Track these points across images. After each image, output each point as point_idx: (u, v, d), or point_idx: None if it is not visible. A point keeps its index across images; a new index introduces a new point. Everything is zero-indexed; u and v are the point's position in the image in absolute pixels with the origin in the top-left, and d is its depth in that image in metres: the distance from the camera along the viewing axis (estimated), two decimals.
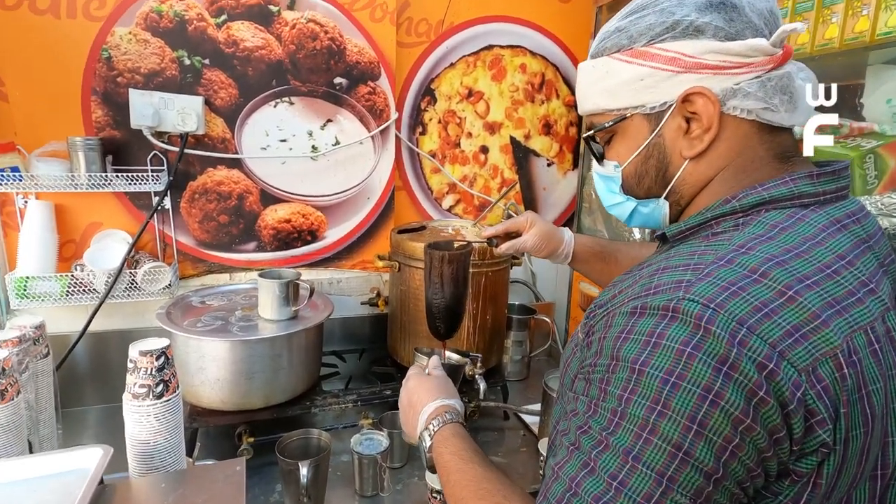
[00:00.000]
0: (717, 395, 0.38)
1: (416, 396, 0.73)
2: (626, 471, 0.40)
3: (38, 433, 0.91)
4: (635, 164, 0.56)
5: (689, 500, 0.39)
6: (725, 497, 0.39)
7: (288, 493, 0.86)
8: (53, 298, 1.06)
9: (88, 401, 1.20)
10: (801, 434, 0.38)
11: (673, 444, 0.39)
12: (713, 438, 0.38)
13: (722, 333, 0.38)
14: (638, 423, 0.40)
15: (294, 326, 1.03)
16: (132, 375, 0.70)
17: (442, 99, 1.44)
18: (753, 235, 0.45)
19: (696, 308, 0.40)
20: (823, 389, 0.38)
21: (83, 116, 1.10)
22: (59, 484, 0.63)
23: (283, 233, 1.31)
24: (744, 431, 0.38)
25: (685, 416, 0.38)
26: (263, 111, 1.23)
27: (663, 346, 0.40)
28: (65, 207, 1.11)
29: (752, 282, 0.40)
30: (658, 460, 0.39)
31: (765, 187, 0.48)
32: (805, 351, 0.38)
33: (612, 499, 0.40)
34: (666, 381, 0.39)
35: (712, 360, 0.38)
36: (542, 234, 0.94)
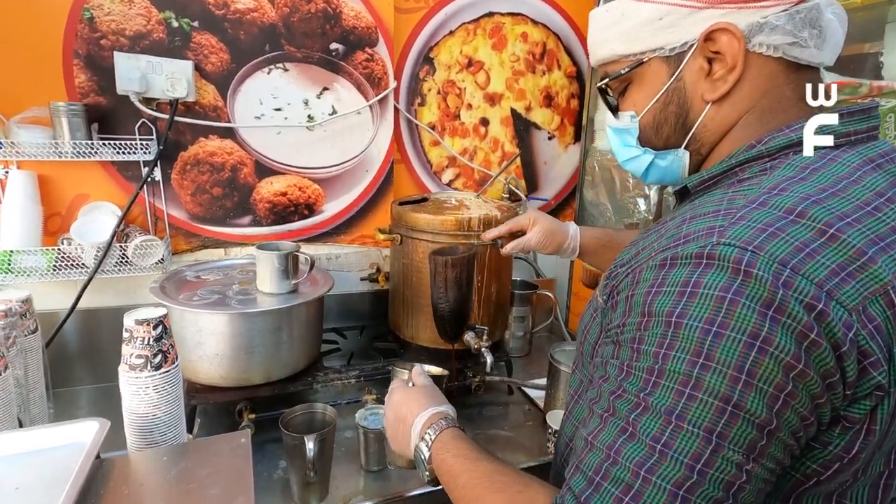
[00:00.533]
0: (765, 342, 0.35)
1: (404, 409, 0.66)
2: (669, 431, 0.37)
3: (29, 412, 0.87)
4: (653, 112, 0.53)
5: (743, 456, 0.36)
6: (779, 449, 0.37)
7: (293, 468, 0.84)
8: (40, 273, 1.01)
9: (80, 381, 1.16)
10: (854, 377, 0.36)
11: (720, 397, 0.36)
12: (764, 388, 0.35)
13: (765, 275, 0.36)
14: (679, 380, 0.37)
15: (294, 300, 0.99)
16: (128, 346, 0.66)
17: (441, 68, 1.40)
18: (785, 177, 0.42)
19: (734, 252, 0.37)
20: (875, 329, 0.36)
21: (65, 81, 1.04)
22: (54, 459, 0.59)
23: (280, 206, 1.26)
24: (796, 378, 0.35)
25: (732, 367, 0.36)
26: (257, 78, 1.18)
27: (700, 295, 0.37)
28: (49, 178, 1.06)
29: (789, 222, 0.38)
30: (705, 417, 0.36)
31: (792, 129, 0.45)
32: (853, 290, 0.36)
33: (657, 463, 0.37)
34: (707, 331, 0.37)
35: (756, 305, 0.36)
36: (545, 231, 0.92)
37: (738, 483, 0.36)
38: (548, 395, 1.13)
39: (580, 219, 1.60)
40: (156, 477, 0.59)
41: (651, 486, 0.37)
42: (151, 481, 0.59)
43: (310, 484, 0.84)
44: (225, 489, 0.57)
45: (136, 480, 0.58)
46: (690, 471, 0.36)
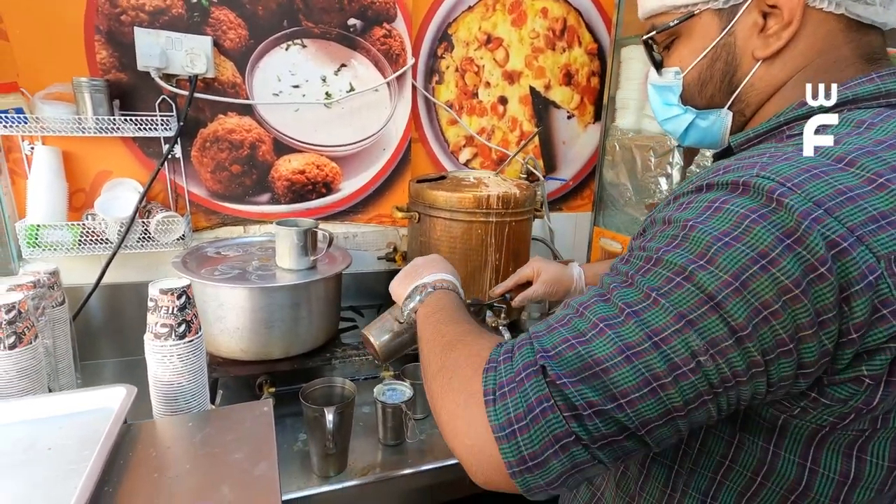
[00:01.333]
0: (770, 262, 0.34)
1: (414, 269, 0.71)
2: (644, 305, 0.37)
3: (58, 382, 0.90)
4: (699, 68, 0.51)
5: (703, 346, 0.35)
6: (741, 360, 0.35)
7: (313, 440, 0.85)
8: (66, 247, 1.03)
9: (105, 354, 1.19)
10: (863, 319, 0.34)
11: (706, 292, 0.35)
12: (750, 300, 0.34)
13: (796, 207, 0.34)
14: (673, 269, 0.37)
15: (313, 276, 1.00)
16: (153, 315, 0.68)
17: (459, 45, 1.37)
18: (844, 133, 0.40)
19: (770, 184, 0.36)
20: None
21: (87, 57, 1.04)
22: (84, 422, 0.61)
23: (298, 184, 1.26)
24: (787, 301, 0.34)
25: (728, 273, 0.35)
26: (275, 54, 1.17)
27: (724, 210, 0.36)
28: (72, 155, 1.07)
29: (836, 169, 0.36)
30: (684, 302, 0.36)
31: (847, 86, 0.43)
32: (889, 238, 0.34)
33: (620, 323, 0.37)
34: (718, 239, 0.36)
35: (777, 231, 0.34)
36: (550, 280, 0.94)
37: (685, 368, 0.35)
38: None
39: (599, 199, 1.58)
40: (181, 441, 0.61)
41: (603, 338, 0.37)
42: (177, 445, 0.60)
43: (329, 456, 0.85)
44: (248, 454, 0.58)
45: (162, 444, 0.60)
46: (646, 339, 0.36)
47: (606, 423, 0.36)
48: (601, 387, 0.36)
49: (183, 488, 0.52)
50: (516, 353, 0.41)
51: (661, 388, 0.36)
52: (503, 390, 0.39)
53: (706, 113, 0.53)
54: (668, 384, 0.35)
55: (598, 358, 0.37)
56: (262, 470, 0.55)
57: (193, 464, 0.57)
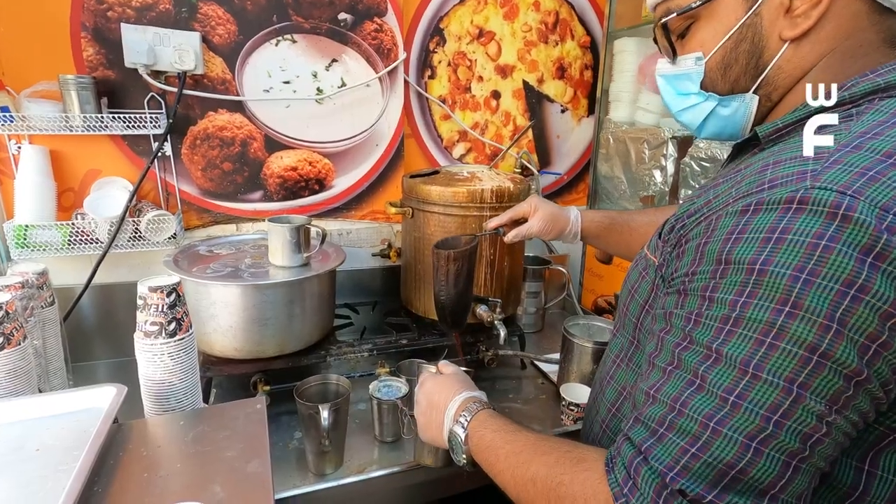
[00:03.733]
0: (860, 290, 0.32)
1: (436, 397, 0.64)
2: (745, 383, 0.35)
3: (49, 383, 0.89)
4: (723, 51, 0.49)
5: (825, 407, 0.34)
6: (866, 402, 0.34)
7: (308, 437, 0.84)
8: (55, 248, 1.02)
9: (98, 355, 1.18)
10: None
11: (806, 346, 0.33)
12: (856, 338, 0.33)
13: (867, 220, 0.33)
14: (759, 329, 0.35)
15: (306, 272, 0.99)
16: (142, 313, 0.67)
17: (451, 39, 1.36)
18: (876, 122, 0.39)
19: (832, 196, 0.34)
20: None
21: (74, 54, 1.03)
22: (73, 422, 0.60)
23: (290, 181, 1.25)
24: (893, 327, 0.33)
25: (822, 315, 0.33)
26: (265, 50, 1.16)
27: (790, 242, 0.34)
28: (60, 154, 1.06)
29: (889, 166, 0.35)
30: (787, 366, 0.34)
31: (878, 73, 0.42)
32: None
33: (729, 415, 0.35)
34: (796, 278, 0.33)
35: (854, 251, 0.33)
36: (547, 217, 0.92)
37: (817, 435, 0.34)
38: (561, 369, 1.12)
39: (594, 193, 1.57)
40: (173, 440, 0.60)
41: (720, 438, 0.35)
42: (169, 444, 0.59)
43: (325, 453, 0.84)
44: (241, 452, 0.57)
45: (153, 443, 0.59)
46: (766, 422, 0.34)
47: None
48: (747, 489, 0.35)
49: (174, 487, 0.52)
50: (639, 480, 0.38)
51: (801, 461, 0.35)
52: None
53: (729, 99, 0.51)
54: (807, 456, 0.35)
55: (730, 461, 0.35)
56: (254, 467, 0.55)
57: (185, 462, 0.56)
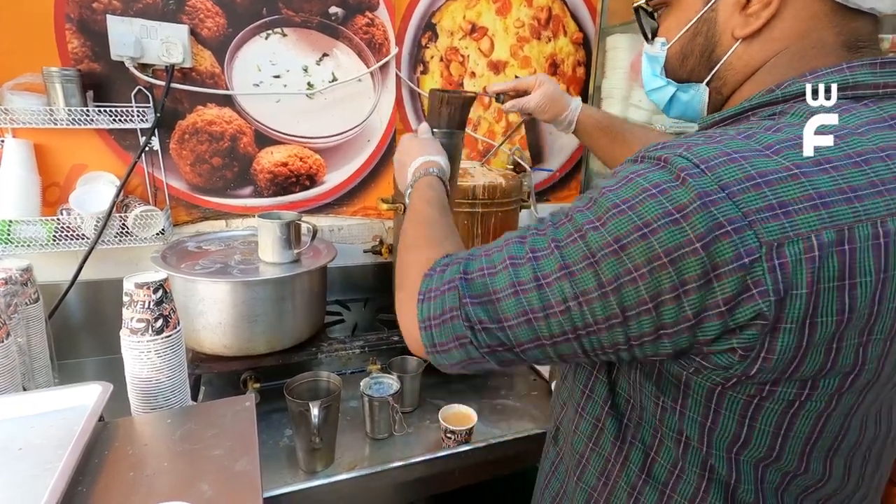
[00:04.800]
0: (651, 232, 0.37)
1: (405, 156, 0.78)
2: (544, 252, 0.43)
3: (34, 381, 0.88)
4: (682, 41, 0.51)
5: (572, 294, 0.41)
6: (603, 311, 0.41)
7: (299, 435, 0.84)
8: (40, 244, 1.00)
9: (84, 353, 1.16)
10: (731, 294, 0.37)
11: (590, 250, 0.40)
12: (624, 260, 0.39)
13: (697, 187, 0.37)
14: (575, 228, 0.42)
15: (297, 269, 0.98)
16: (128, 309, 0.66)
17: (444, 35, 1.36)
18: (787, 123, 0.40)
19: (685, 163, 0.38)
20: (781, 266, 0.35)
21: (58, 46, 1.01)
22: (57, 421, 0.59)
23: (281, 177, 1.24)
24: (655, 268, 0.38)
25: (612, 236, 0.39)
26: (254, 43, 1.15)
27: (634, 182, 0.40)
28: (45, 148, 1.04)
29: (760, 154, 0.37)
30: (571, 256, 0.42)
31: (815, 75, 0.42)
32: (779, 227, 0.35)
33: (521, 264, 0.44)
34: (616, 206, 0.40)
35: (669, 205, 0.37)
36: (547, 96, 0.91)
37: (556, 309, 0.42)
38: (552, 367, 1.12)
39: (586, 190, 1.57)
40: (160, 438, 0.59)
41: (504, 273, 0.45)
42: (155, 442, 0.58)
43: (315, 450, 0.84)
44: (229, 450, 0.57)
45: (140, 441, 0.58)
46: (534, 280, 0.43)
47: (491, 337, 0.46)
48: (492, 311, 0.45)
49: (160, 486, 0.51)
50: (448, 270, 0.49)
51: (534, 320, 0.43)
52: (430, 295, 0.49)
53: (687, 86, 0.53)
54: (540, 318, 0.43)
55: (496, 289, 0.45)
56: (243, 466, 0.54)
57: (172, 461, 0.55)
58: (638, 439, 0.50)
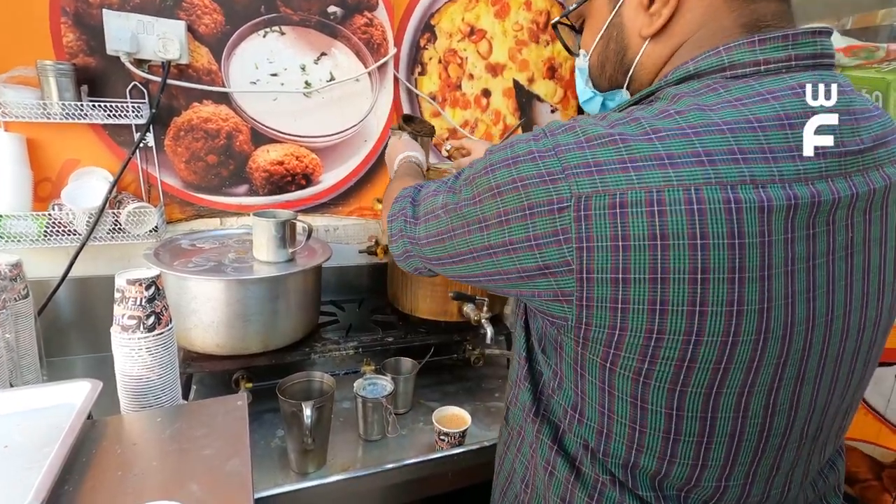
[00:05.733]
0: (494, 169, 0.44)
1: (393, 151, 0.95)
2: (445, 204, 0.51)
3: (23, 378, 0.86)
4: (598, 50, 0.52)
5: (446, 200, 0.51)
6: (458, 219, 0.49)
7: (290, 435, 0.83)
8: (31, 239, 0.98)
9: (74, 350, 1.14)
10: (540, 233, 0.41)
11: (456, 204, 0.49)
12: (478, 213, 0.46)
13: (536, 146, 0.42)
14: (460, 179, 0.50)
15: (291, 268, 0.98)
16: (120, 306, 0.65)
17: (442, 36, 1.36)
18: (642, 107, 0.42)
19: (540, 131, 0.43)
20: (586, 217, 0.38)
21: (53, 40, 1.00)
22: (44, 419, 0.58)
23: (276, 176, 1.23)
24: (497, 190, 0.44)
25: (475, 189, 0.47)
26: (252, 41, 1.14)
27: (512, 146, 0.44)
28: (38, 142, 1.03)
29: (596, 125, 0.41)
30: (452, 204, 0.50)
31: (695, 60, 0.43)
32: (590, 182, 0.38)
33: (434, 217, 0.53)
34: (492, 164, 0.45)
35: (510, 153, 0.43)
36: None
37: (438, 210, 0.52)
38: None
39: None
40: (149, 437, 0.58)
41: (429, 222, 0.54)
42: (145, 441, 0.57)
43: (308, 451, 0.83)
44: (220, 450, 0.56)
45: (128, 440, 0.57)
46: (438, 210, 0.53)
47: (409, 230, 0.58)
48: (416, 240, 0.57)
49: (149, 486, 0.50)
50: (407, 209, 0.59)
51: (440, 241, 0.52)
52: (393, 219, 0.61)
53: (612, 94, 0.54)
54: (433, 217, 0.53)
55: (417, 214, 0.57)
56: (233, 466, 0.53)
57: (161, 460, 0.54)
58: (549, 411, 0.52)
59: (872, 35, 0.97)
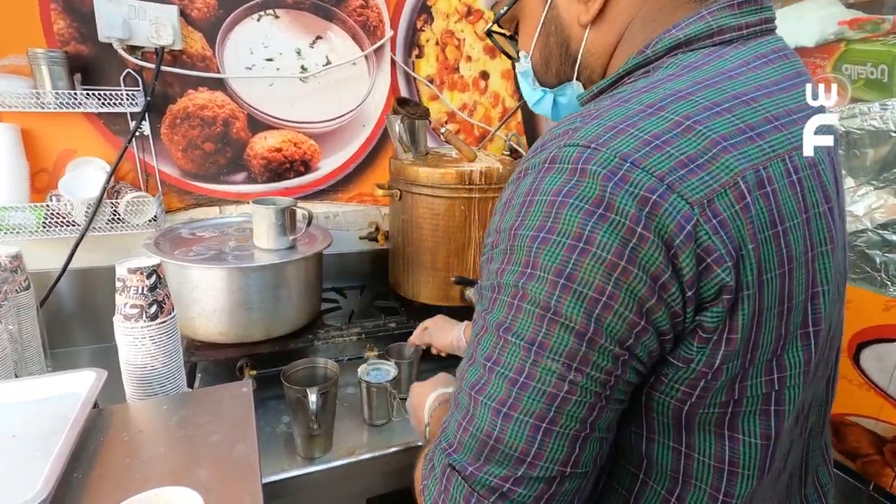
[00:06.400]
0: (587, 242, 0.32)
1: (416, 400, 0.70)
2: (499, 348, 0.36)
3: (27, 369, 0.86)
4: (539, 47, 0.50)
5: (563, 366, 0.33)
6: (605, 358, 0.33)
7: (296, 421, 0.83)
8: (30, 230, 0.98)
9: (77, 341, 1.14)
10: (692, 274, 0.32)
11: (541, 305, 0.33)
12: (583, 291, 0.32)
13: (599, 170, 0.32)
14: (510, 293, 0.35)
15: (292, 255, 0.97)
16: (122, 295, 0.65)
17: (439, 17, 1.33)
18: (662, 77, 0.38)
19: (574, 151, 0.34)
20: (720, 224, 0.32)
21: (43, 27, 0.98)
22: (51, 408, 0.58)
23: (275, 163, 1.22)
24: (618, 278, 0.32)
25: (552, 272, 0.33)
26: (246, 25, 1.12)
27: (536, 202, 0.35)
28: (32, 133, 1.02)
29: (645, 116, 0.34)
30: (527, 327, 0.34)
31: (678, 27, 0.40)
32: (700, 181, 0.32)
33: (486, 382, 0.36)
34: (535, 237, 0.34)
35: (585, 204, 0.32)
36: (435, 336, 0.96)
37: (561, 394, 0.34)
38: None
39: None
40: (156, 424, 0.58)
41: (480, 407, 0.36)
42: (151, 428, 0.58)
43: (313, 437, 0.83)
44: (226, 435, 0.56)
45: (135, 427, 0.57)
46: (513, 385, 0.35)
47: (529, 486, 0.35)
48: (503, 458, 0.35)
49: (157, 472, 0.50)
50: (435, 462, 0.39)
51: (551, 424, 0.34)
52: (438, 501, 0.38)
53: (562, 89, 0.52)
54: (556, 418, 0.34)
55: (487, 430, 0.35)
56: (240, 451, 0.54)
57: (168, 447, 0.55)
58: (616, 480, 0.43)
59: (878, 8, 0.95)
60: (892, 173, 0.86)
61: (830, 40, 0.91)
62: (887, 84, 0.83)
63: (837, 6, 0.93)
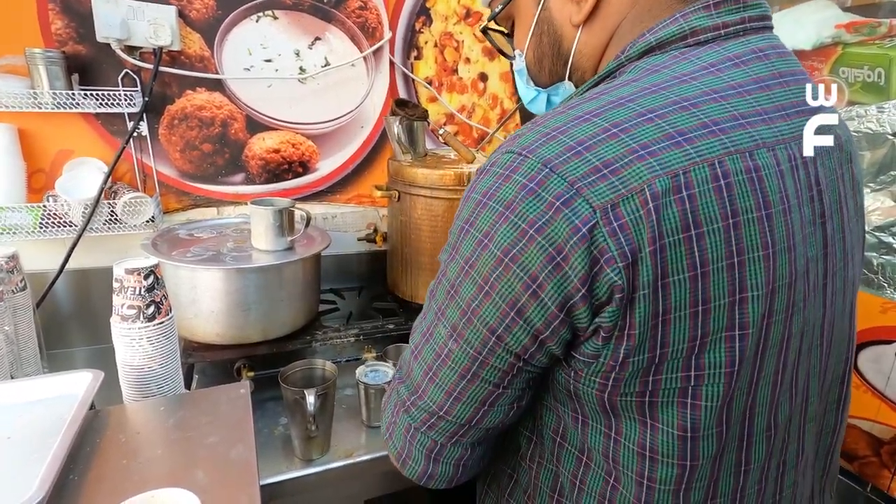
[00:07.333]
0: (489, 238, 0.37)
1: None
2: (435, 329, 0.42)
3: (23, 370, 0.86)
4: (532, 47, 0.50)
5: (446, 331, 0.41)
6: (476, 337, 0.39)
7: (294, 423, 0.83)
8: (26, 231, 0.97)
9: (75, 343, 1.14)
10: (583, 273, 0.34)
11: (451, 283, 0.40)
12: (476, 279, 0.38)
13: (520, 178, 0.35)
14: (441, 268, 0.42)
15: (290, 256, 0.97)
16: (118, 296, 0.64)
17: (438, 19, 1.33)
18: (617, 83, 0.39)
19: (509, 158, 0.37)
20: (621, 227, 0.33)
21: (41, 27, 0.98)
22: (47, 409, 0.58)
23: (273, 164, 1.22)
24: (501, 272, 0.37)
25: (462, 258, 0.39)
26: (244, 26, 1.12)
27: (470, 199, 0.39)
28: (29, 133, 1.01)
29: (579, 122, 0.36)
30: (445, 305, 0.41)
31: (652, 31, 0.41)
32: (609, 186, 0.33)
33: (420, 351, 0.44)
34: (462, 229, 0.39)
35: (499, 206, 0.36)
36: None
37: (443, 353, 0.41)
38: None
39: None
40: (153, 426, 0.58)
41: (416, 363, 0.44)
42: (148, 430, 0.57)
43: (311, 438, 0.83)
44: (224, 437, 0.56)
45: (132, 429, 0.57)
46: (436, 357, 0.42)
47: (418, 409, 0.44)
48: (425, 406, 0.43)
49: (154, 473, 0.50)
50: (391, 393, 0.49)
51: (435, 371, 0.42)
52: (388, 433, 0.48)
53: (555, 88, 0.52)
54: (438, 368, 0.42)
55: (418, 382, 0.44)
56: (238, 453, 0.53)
57: (166, 448, 0.54)
58: (545, 458, 0.46)
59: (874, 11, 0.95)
60: (889, 176, 0.86)
61: (827, 44, 0.92)
62: (884, 87, 0.84)
63: (834, 10, 0.93)
